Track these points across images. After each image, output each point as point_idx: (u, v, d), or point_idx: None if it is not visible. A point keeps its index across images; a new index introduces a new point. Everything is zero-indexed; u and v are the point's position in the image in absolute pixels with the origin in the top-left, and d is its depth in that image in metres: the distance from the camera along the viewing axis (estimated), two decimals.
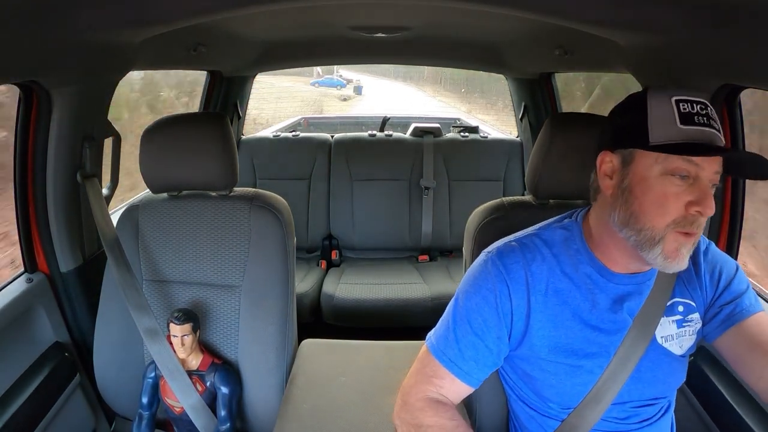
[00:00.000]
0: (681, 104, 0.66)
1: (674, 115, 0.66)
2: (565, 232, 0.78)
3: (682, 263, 0.68)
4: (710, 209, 0.65)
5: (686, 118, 0.65)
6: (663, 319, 0.75)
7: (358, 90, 13.81)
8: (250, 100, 2.55)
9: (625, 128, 0.70)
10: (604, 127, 0.75)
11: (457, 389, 0.77)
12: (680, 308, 0.77)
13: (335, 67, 12.66)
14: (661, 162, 0.66)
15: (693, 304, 0.77)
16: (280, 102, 11.52)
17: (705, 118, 0.66)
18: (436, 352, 0.77)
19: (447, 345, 0.76)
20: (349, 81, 14.08)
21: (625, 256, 0.73)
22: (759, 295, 1.07)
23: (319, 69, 13.84)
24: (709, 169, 0.66)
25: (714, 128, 0.66)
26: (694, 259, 0.78)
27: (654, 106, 0.67)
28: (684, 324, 0.77)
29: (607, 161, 0.72)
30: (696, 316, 0.77)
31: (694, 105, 0.66)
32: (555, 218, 0.82)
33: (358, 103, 12.44)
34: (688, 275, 0.77)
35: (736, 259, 1.14)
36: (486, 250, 0.80)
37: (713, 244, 0.81)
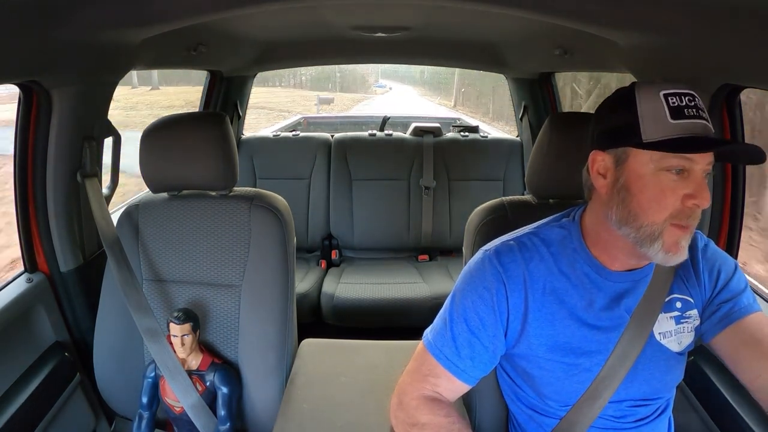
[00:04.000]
0: (670, 98, 0.66)
1: (665, 110, 0.66)
2: (563, 231, 0.78)
3: (683, 255, 0.68)
4: (706, 201, 0.66)
5: (676, 112, 0.65)
6: (661, 315, 0.75)
7: (390, 88, 25.62)
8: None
9: (616, 127, 0.69)
10: (592, 125, 0.74)
11: (454, 387, 0.77)
12: (678, 304, 0.77)
13: (379, 77, 25.33)
14: (656, 159, 0.66)
15: (691, 300, 0.77)
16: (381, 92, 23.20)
17: (694, 110, 0.66)
18: (432, 349, 0.77)
19: (444, 343, 0.76)
20: (385, 85, 26.19)
21: (625, 252, 0.73)
22: (757, 294, 1.08)
23: (371, 79, 25.38)
24: (703, 161, 0.66)
25: (704, 119, 0.66)
26: (693, 256, 0.78)
27: (643, 103, 0.67)
28: (682, 320, 0.77)
29: (599, 160, 0.72)
30: (694, 312, 0.77)
31: (683, 97, 0.66)
32: (553, 217, 0.82)
33: (390, 92, 24.05)
34: (686, 272, 0.77)
35: (736, 256, 1.14)
36: (483, 248, 0.79)
37: (712, 242, 0.81)
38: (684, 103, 0.66)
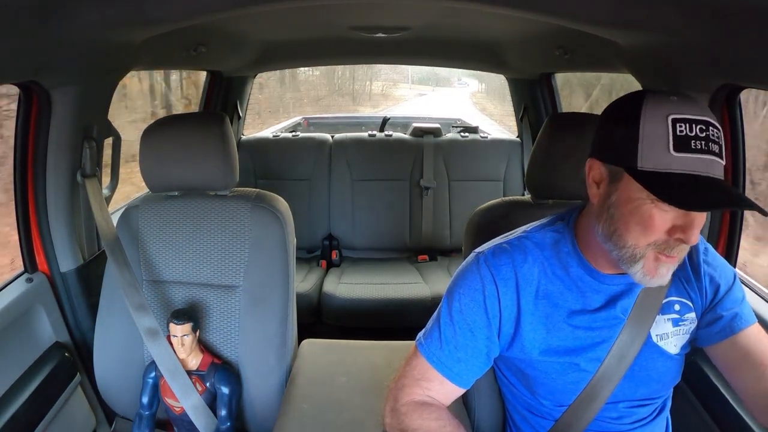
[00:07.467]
0: (678, 125, 0.59)
1: (668, 139, 0.59)
2: (556, 235, 0.77)
3: (662, 280, 0.66)
4: (694, 239, 0.62)
5: (681, 143, 0.59)
6: (658, 317, 0.75)
7: (468, 84, 30.22)
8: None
9: (615, 142, 0.64)
10: (597, 127, 0.71)
11: (447, 390, 0.76)
12: (676, 307, 0.76)
13: (461, 76, 28.93)
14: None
15: (690, 304, 0.77)
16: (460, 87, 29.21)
17: (703, 142, 0.59)
18: (425, 352, 0.76)
19: (436, 346, 0.76)
20: (465, 82, 30.78)
21: (612, 264, 0.72)
22: (755, 292, 1.08)
23: (454, 78, 30.04)
24: None
25: (713, 153, 0.60)
26: (694, 259, 0.78)
27: (647, 122, 0.61)
28: (680, 323, 0.76)
29: (596, 169, 0.69)
30: (692, 315, 0.77)
31: (693, 126, 0.59)
32: (547, 220, 0.80)
33: (465, 85, 29.56)
34: (686, 275, 0.77)
35: (735, 263, 1.14)
36: (476, 250, 0.79)
37: (711, 247, 0.80)
38: (694, 133, 0.59)
